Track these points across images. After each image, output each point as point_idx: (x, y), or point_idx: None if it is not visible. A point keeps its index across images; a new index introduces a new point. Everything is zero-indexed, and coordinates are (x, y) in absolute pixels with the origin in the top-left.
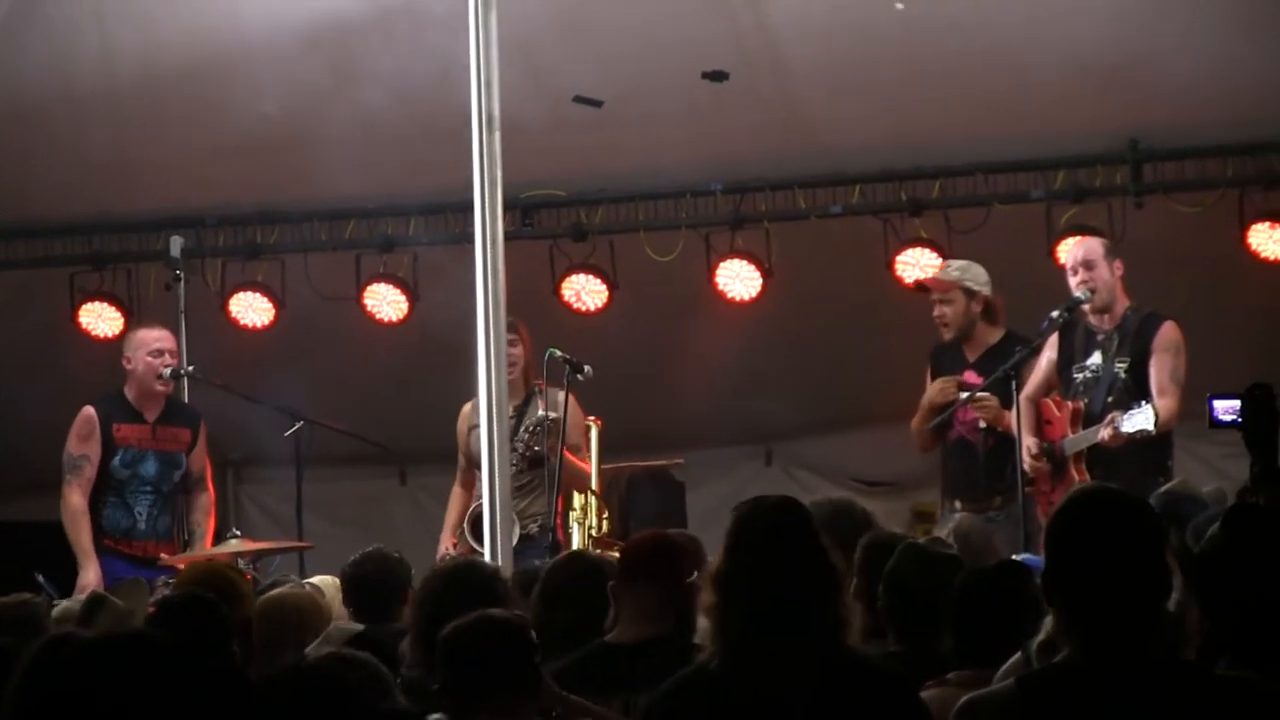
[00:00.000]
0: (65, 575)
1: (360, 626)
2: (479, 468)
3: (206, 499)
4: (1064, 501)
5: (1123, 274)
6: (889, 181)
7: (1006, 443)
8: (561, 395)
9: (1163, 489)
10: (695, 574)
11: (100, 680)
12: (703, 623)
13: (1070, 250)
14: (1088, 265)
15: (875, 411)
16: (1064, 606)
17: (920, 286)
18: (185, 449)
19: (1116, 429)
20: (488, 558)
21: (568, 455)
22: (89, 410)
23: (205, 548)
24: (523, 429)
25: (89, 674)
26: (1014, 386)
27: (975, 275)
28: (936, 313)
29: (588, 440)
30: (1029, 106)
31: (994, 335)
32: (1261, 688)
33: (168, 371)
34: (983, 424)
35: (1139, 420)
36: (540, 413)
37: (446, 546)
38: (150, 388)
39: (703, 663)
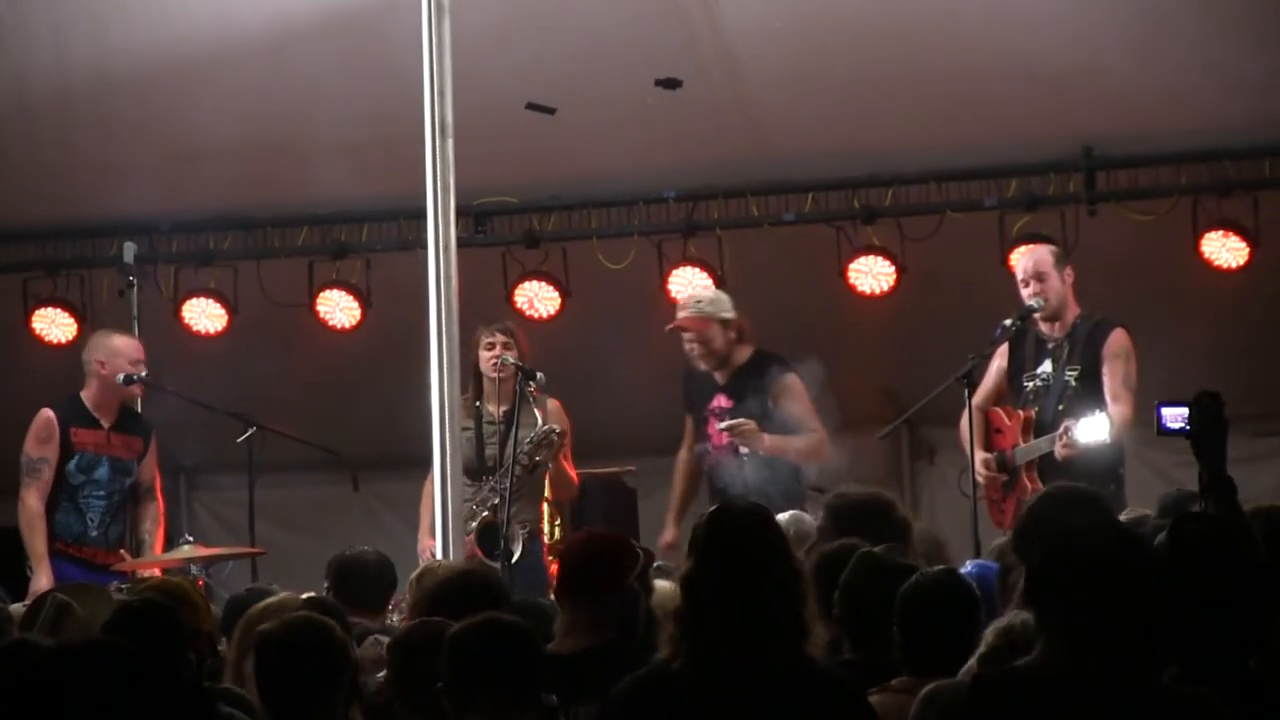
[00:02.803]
0: (17, 579)
1: None
2: (464, 470)
3: (155, 509)
4: (1060, 531)
5: (1073, 281)
6: (842, 189)
7: (764, 465)
8: (551, 403)
9: (1174, 496)
10: (634, 578)
11: (59, 688)
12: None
13: (1020, 260)
14: (1039, 276)
15: (827, 419)
16: (1049, 617)
17: (677, 329)
18: (136, 457)
19: (1071, 441)
20: (446, 558)
21: (565, 463)
22: (48, 413)
23: (155, 555)
24: (526, 439)
25: (48, 681)
26: (966, 393)
27: (723, 304)
28: (698, 351)
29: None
30: (982, 114)
31: (744, 354)
32: (1214, 703)
33: (121, 378)
34: (743, 450)
35: (1094, 431)
36: (545, 426)
37: (429, 549)
38: (122, 395)
39: (662, 663)
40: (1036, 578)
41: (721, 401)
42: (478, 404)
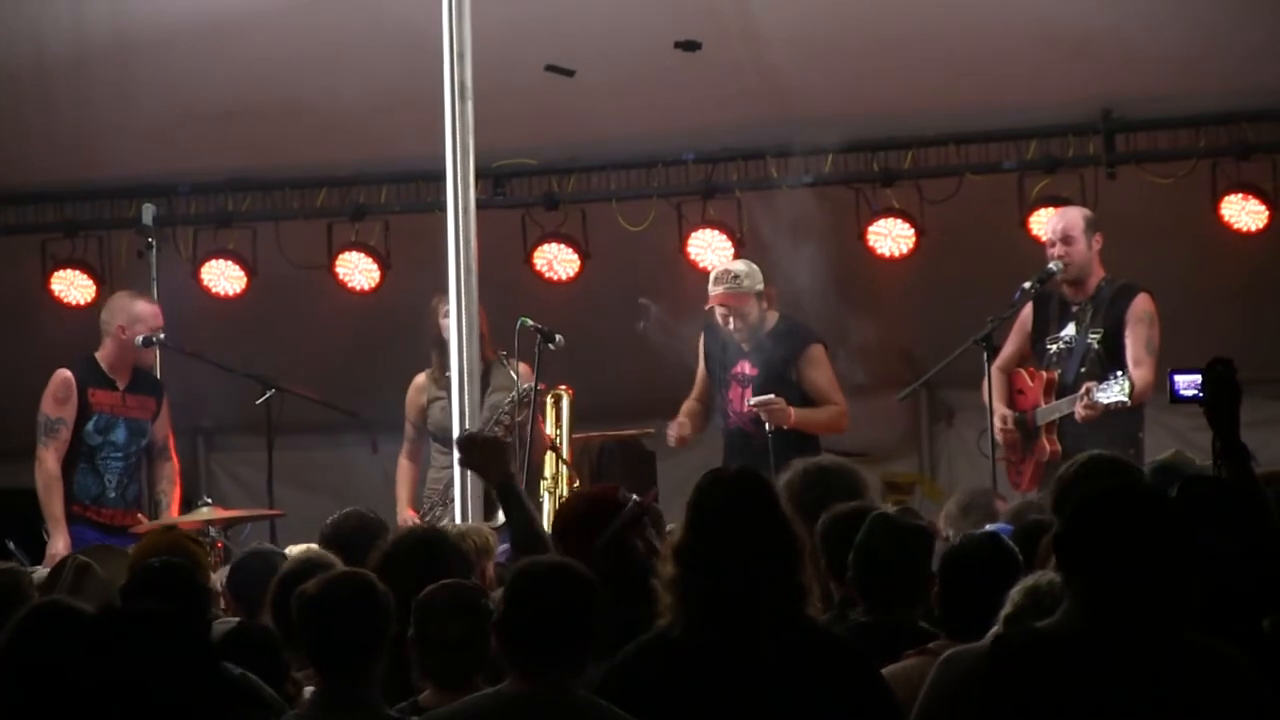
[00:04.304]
0: (34, 542)
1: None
2: (436, 439)
3: (171, 468)
4: (1098, 492)
5: (1100, 248)
6: (861, 151)
7: (789, 437)
8: (521, 366)
9: (1160, 460)
10: (616, 531)
11: (91, 654)
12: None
13: (1050, 220)
14: (1065, 240)
15: (847, 382)
16: (1082, 578)
17: (720, 305)
18: (151, 417)
19: (1092, 402)
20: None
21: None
22: (66, 374)
23: (172, 516)
24: (505, 401)
25: (83, 647)
26: (985, 356)
27: (756, 276)
28: (734, 324)
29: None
30: (1002, 76)
31: (770, 321)
32: (1229, 655)
33: (140, 339)
34: (769, 427)
35: (1114, 392)
36: (525, 385)
37: (409, 520)
38: (137, 359)
39: (663, 630)
40: (1064, 539)
41: (746, 368)
42: (447, 374)
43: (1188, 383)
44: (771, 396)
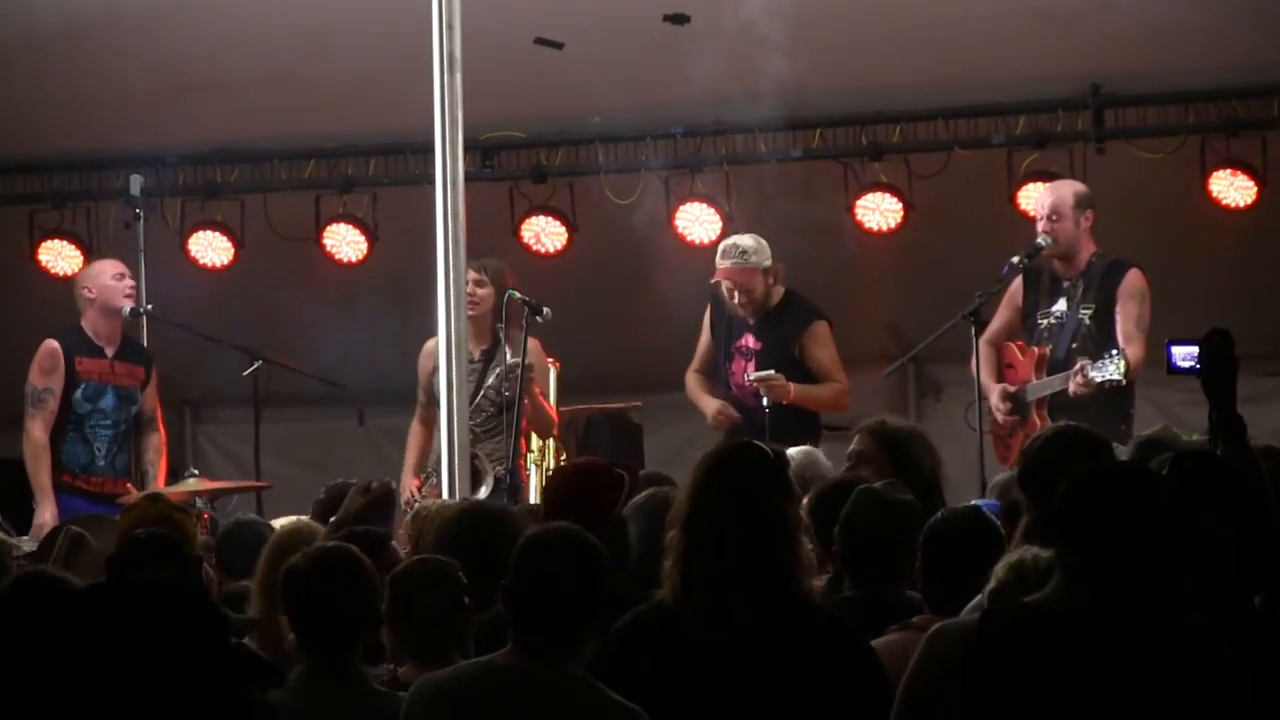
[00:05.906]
0: (21, 512)
1: None
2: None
3: (158, 439)
4: (1093, 469)
5: (1091, 224)
6: (849, 126)
7: (787, 412)
8: (522, 338)
9: (1146, 435)
10: (620, 505)
11: (96, 626)
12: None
13: (1041, 194)
14: (1052, 216)
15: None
16: (1075, 555)
17: (727, 279)
18: (140, 386)
19: (1087, 379)
20: (452, 496)
21: (540, 399)
22: (52, 343)
23: (159, 488)
24: (493, 375)
25: (76, 619)
26: (973, 330)
27: (764, 252)
28: (740, 300)
29: (547, 384)
30: (990, 50)
31: (775, 296)
32: (1215, 631)
33: (128, 306)
34: (767, 402)
35: (1109, 370)
36: (510, 359)
37: (410, 489)
38: (115, 309)
39: (660, 599)
40: (1057, 515)
41: (749, 341)
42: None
43: (1185, 354)
44: (771, 372)
